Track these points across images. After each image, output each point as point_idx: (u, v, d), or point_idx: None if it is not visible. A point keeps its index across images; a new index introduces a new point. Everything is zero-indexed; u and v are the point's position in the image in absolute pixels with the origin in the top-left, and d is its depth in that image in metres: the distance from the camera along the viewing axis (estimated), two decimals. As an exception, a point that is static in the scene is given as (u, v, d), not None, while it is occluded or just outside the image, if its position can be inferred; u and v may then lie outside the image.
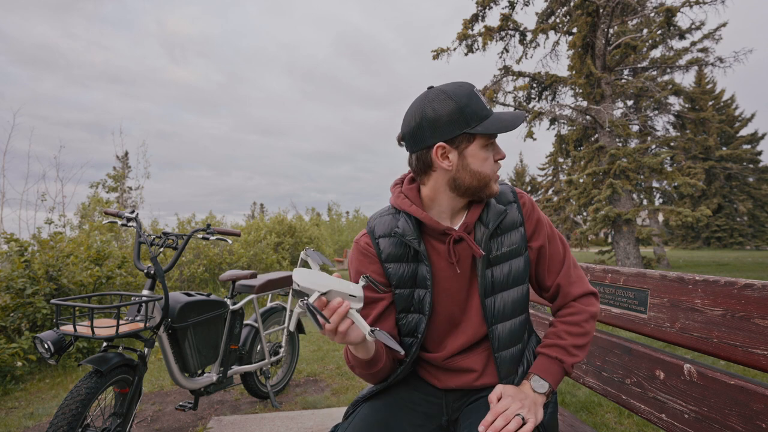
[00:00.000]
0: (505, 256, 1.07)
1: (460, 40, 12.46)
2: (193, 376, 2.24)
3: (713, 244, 29.62)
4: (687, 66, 12.23)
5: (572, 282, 1.10)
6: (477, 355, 1.12)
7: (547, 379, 1.03)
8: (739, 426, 0.93)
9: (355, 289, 0.85)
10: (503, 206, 1.08)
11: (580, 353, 1.06)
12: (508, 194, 1.11)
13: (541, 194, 31.52)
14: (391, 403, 1.12)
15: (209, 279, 7.16)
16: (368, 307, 1.10)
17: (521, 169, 40.61)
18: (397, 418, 1.08)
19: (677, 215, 10.65)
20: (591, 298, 1.10)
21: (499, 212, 1.07)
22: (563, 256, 1.12)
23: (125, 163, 22.93)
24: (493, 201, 1.08)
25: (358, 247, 1.12)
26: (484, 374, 1.11)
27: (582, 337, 1.06)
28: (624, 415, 2.51)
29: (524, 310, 1.10)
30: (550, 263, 1.11)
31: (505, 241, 1.07)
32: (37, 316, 3.67)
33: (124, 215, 2.07)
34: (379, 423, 1.05)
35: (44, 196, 8.29)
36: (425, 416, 1.12)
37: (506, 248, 1.07)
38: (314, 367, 3.61)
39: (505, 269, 1.07)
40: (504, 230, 1.08)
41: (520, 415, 0.95)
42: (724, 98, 27.43)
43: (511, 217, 1.08)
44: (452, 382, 1.14)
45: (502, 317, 1.08)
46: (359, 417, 1.07)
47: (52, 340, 1.67)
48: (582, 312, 1.07)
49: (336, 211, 24.20)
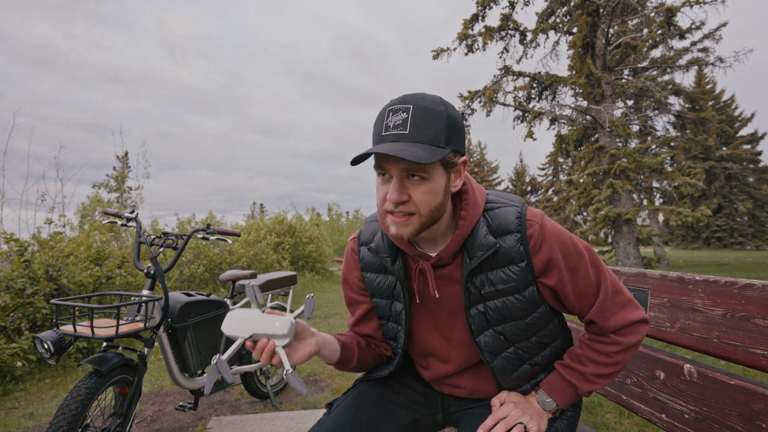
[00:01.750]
0: (495, 294, 0.95)
1: (460, 40, 12.46)
2: (193, 376, 2.24)
3: (713, 244, 29.62)
4: (687, 66, 12.24)
5: (609, 316, 0.95)
6: (469, 376, 1.08)
7: (555, 398, 0.99)
8: (739, 426, 0.93)
9: (280, 327, 0.87)
10: (494, 238, 0.92)
11: (601, 381, 0.97)
12: (510, 223, 0.92)
13: (541, 194, 31.53)
14: (390, 385, 1.13)
15: (209, 279, 7.16)
16: (352, 308, 1.14)
17: (521, 169, 40.61)
18: (392, 400, 1.10)
19: (677, 215, 10.65)
20: (634, 327, 0.96)
21: (486, 246, 0.91)
22: (596, 287, 0.95)
23: (125, 163, 22.95)
24: (482, 230, 0.92)
25: (346, 251, 1.13)
26: (477, 390, 1.09)
27: (609, 366, 0.96)
28: (624, 415, 2.51)
29: (525, 339, 0.99)
30: (576, 299, 0.95)
31: (496, 278, 0.93)
32: (37, 316, 3.67)
33: (124, 215, 2.07)
34: (374, 401, 1.08)
35: (44, 196, 8.30)
36: (420, 406, 1.13)
37: (499, 286, 0.93)
38: (314, 367, 3.61)
39: (499, 304, 0.95)
40: (496, 265, 0.93)
41: (522, 423, 0.93)
42: (724, 98, 27.44)
43: (505, 252, 0.92)
44: (446, 390, 1.14)
45: (498, 350, 0.99)
46: (356, 392, 1.10)
47: (52, 340, 1.67)
48: (616, 344, 0.95)
49: (336, 211, 24.19)
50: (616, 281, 0.98)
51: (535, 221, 0.93)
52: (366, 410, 1.05)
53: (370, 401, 1.07)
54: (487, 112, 12.76)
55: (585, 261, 0.95)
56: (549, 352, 1.05)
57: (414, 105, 0.84)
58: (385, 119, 0.85)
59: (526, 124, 12.46)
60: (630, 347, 0.96)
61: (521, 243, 0.91)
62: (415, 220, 0.87)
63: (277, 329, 0.87)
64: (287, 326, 0.88)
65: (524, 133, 12.42)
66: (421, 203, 0.86)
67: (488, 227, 0.93)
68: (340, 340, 1.06)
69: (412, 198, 0.86)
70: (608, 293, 0.95)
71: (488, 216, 0.95)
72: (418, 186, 0.86)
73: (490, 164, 41.94)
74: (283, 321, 0.88)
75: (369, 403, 1.07)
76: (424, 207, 0.86)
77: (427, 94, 0.87)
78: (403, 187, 0.86)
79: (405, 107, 0.84)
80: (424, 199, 0.86)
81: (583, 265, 0.94)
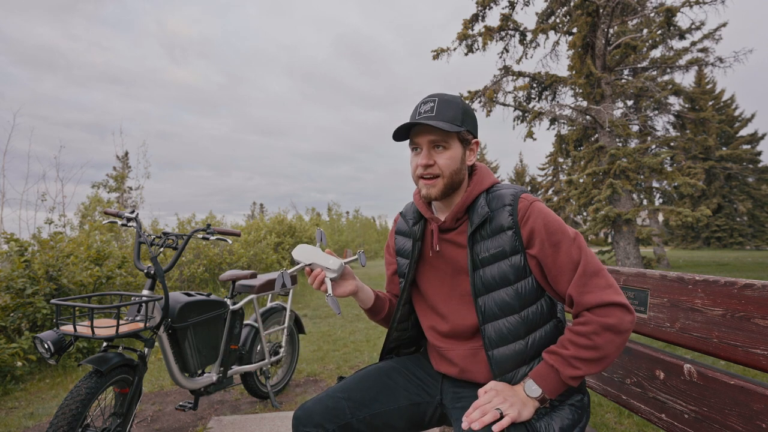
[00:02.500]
0: (490, 259, 1.11)
1: (460, 40, 12.45)
2: (193, 376, 2.24)
3: (713, 244, 29.60)
4: (687, 66, 12.23)
5: (586, 292, 1.01)
6: (463, 350, 1.18)
7: (541, 385, 1.02)
8: (739, 426, 0.93)
9: (333, 264, 1.13)
10: (489, 209, 1.12)
11: (583, 366, 0.99)
12: (505, 198, 1.12)
13: (541, 194, 31.53)
14: (395, 369, 1.28)
15: (209, 279, 7.16)
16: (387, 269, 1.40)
17: (521, 169, 40.61)
18: (395, 380, 1.24)
19: (677, 215, 10.65)
20: (609, 309, 0.99)
21: (482, 214, 1.12)
22: (576, 264, 1.03)
23: (125, 163, 22.94)
24: (481, 202, 1.14)
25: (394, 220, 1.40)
26: (468, 370, 1.17)
27: (589, 350, 0.98)
28: (624, 415, 2.51)
29: (514, 311, 1.08)
30: (556, 272, 1.05)
31: (491, 245, 1.11)
32: (37, 316, 3.67)
33: (124, 215, 2.07)
34: (376, 378, 1.23)
35: (44, 196, 8.26)
36: (421, 389, 1.24)
37: (493, 251, 1.10)
38: (314, 367, 3.61)
39: (494, 271, 1.10)
40: (491, 233, 1.11)
41: (499, 409, 0.97)
42: (724, 98, 27.42)
43: (497, 221, 1.10)
44: (443, 368, 1.25)
45: (491, 317, 1.10)
46: (363, 371, 1.27)
47: (52, 340, 1.67)
48: (591, 323, 0.99)
49: (336, 211, 24.21)
50: (600, 266, 1.05)
51: (527, 199, 1.11)
52: (367, 385, 1.21)
53: (373, 378, 1.23)
54: (487, 112, 12.74)
55: (568, 239, 1.06)
56: (540, 337, 1.11)
57: (439, 98, 1.14)
58: (418, 108, 1.15)
59: (526, 124, 12.45)
60: (606, 329, 0.97)
61: (511, 214, 1.10)
62: (440, 182, 1.13)
63: (330, 264, 1.13)
64: (338, 264, 1.13)
65: (524, 133, 12.41)
66: (444, 167, 1.12)
67: (487, 202, 1.15)
68: (375, 292, 1.33)
69: (437, 163, 1.12)
70: (587, 270, 1.03)
71: (490, 195, 1.16)
72: (442, 153, 1.12)
73: (490, 164, 41.93)
74: (336, 260, 1.13)
75: (372, 380, 1.23)
76: (446, 170, 1.12)
77: (449, 93, 1.16)
78: (430, 154, 1.13)
79: (432, 99, 1.14)
80: (446, 164, 1.12)
81: (565, 243, 1.05)
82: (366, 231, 28.75)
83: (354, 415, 1.14)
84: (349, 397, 1.16)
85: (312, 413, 1.12)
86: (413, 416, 1.20)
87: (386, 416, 1.17)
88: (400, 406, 1.19)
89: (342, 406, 1.14)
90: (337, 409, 1.13)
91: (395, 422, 1.18)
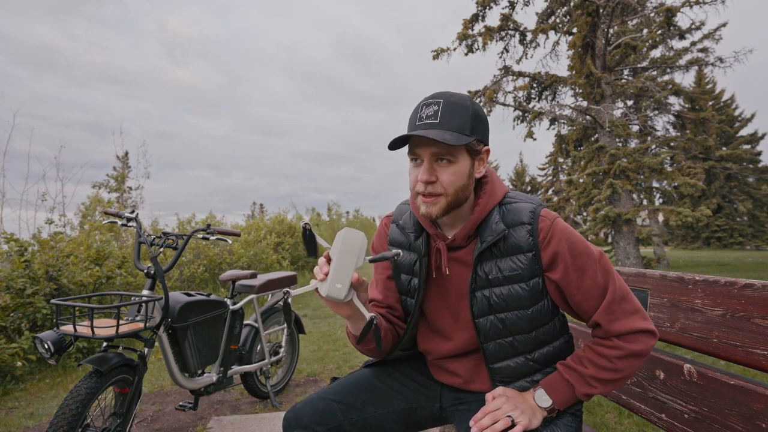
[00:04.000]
0: (502, 281, 1.00)
1: (460, 40, 12.45)
2: (193, 376, 2.24)
3: (713, 244, 29.60)
4: (687, 66, 12.23)
5: (614, 320, 0.96)
6: (466, 362, 1.12)
7: (552, 396, 0.99)
8: (739, 426, 0.93)
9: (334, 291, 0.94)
10: (505, 227, 0.99)
11: (599, 386, 0.97)
12: (523, 215, 0.99)
13: (541, 194, 31.52)
14: (389, 372, 1.21)
15: (209, 279, 7.15)
16: (377, 271, 1.24)
17: (521, 169, 40.61)
18: (389, 385, 1.18)
19: (677, 215, 10.64)
20: (638, 336, 0.96)
21: (495, 231, 0.99)
22: (603, 289, 0.97)
23: (125, 163, 22.93)
24: (495, 217, 1.01)
25: (380, 224, 1.25)
26: (473, 381, 1.13)
27: (609, 372, 0.96)
28: (624, 415, 2.51)
29: (523, 332, 1.03)
30: (581, 298, 0.98)
31: (504, 265, 0.99)
32: (37, 316, 3.67)
33: (124, 215, 2.07)
34: (369, 382, 1.17)
35: (44, 196, 8.27)
36: (418, 393, 1.19)
37: (507, 272, 0.99)
38: (314, 367, 3.61)
39: (503, 292, 1.01)
40: (505, 252, 1.00)
41: (510, 416, 0.94)
42: (724, 98, 27.41)
43: (514, 240, 0.99)
44: (444, 379, 1.18)
45: (494, 336, 1.04)
46: (358, 373, 1.21)
47: (52, 340, 1.67)
48: (618, 348, 0.95)
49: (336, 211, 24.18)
50: (626, 290, 1.00)
51: (548, 218, 0.99)
52: (360, 387, 1.15)
53: (365, 382, 1.17)
54: (487, 112, 12.75)
55: (593, 263, 0.98)
56: (548, 351, 1.07)
57: (444, 99, 0.96)
58: (419, 111, 0.97)
59: (526, 124, 12.45)
60: (632, 355, 0.95)
61: (531, 235, 0.98)
62: (442, 200, 0.97)
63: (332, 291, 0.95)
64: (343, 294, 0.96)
65: (524, 133, 12.41)
66: (447, 184, 0.96)
67: (501, 217, 1.01)
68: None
69: (439, 179, 0.96)
70: (615, 297, 0.97)
71: (504, 208, 1.03)
72: (446, 168, 0.96)
73: (490, 164, 41.72)
74: (343, 290, 0.95)
75: (364, 383, 1.17)
76: (450, 187, 0.96)
77: (456, 92, 0.99)
78: (432, 169, 0.96)
79: (436, 101, 0.96)
80: (450, 180, 0.96)
81: (591, 266, 0.97)
82: (366, 231, 28.74)
83: (346, 417, 1.10)
84: (341, 399, 1.12)
85: (301, 415, 1.09)
86: (409, 420, 1.17)
87: (380, 419, 1.13)
88: (394, 410, 1.15)
89: (333, 408, 1.10)
90: (327, 411, 1.09)
91: (390, 425, 1.14)
